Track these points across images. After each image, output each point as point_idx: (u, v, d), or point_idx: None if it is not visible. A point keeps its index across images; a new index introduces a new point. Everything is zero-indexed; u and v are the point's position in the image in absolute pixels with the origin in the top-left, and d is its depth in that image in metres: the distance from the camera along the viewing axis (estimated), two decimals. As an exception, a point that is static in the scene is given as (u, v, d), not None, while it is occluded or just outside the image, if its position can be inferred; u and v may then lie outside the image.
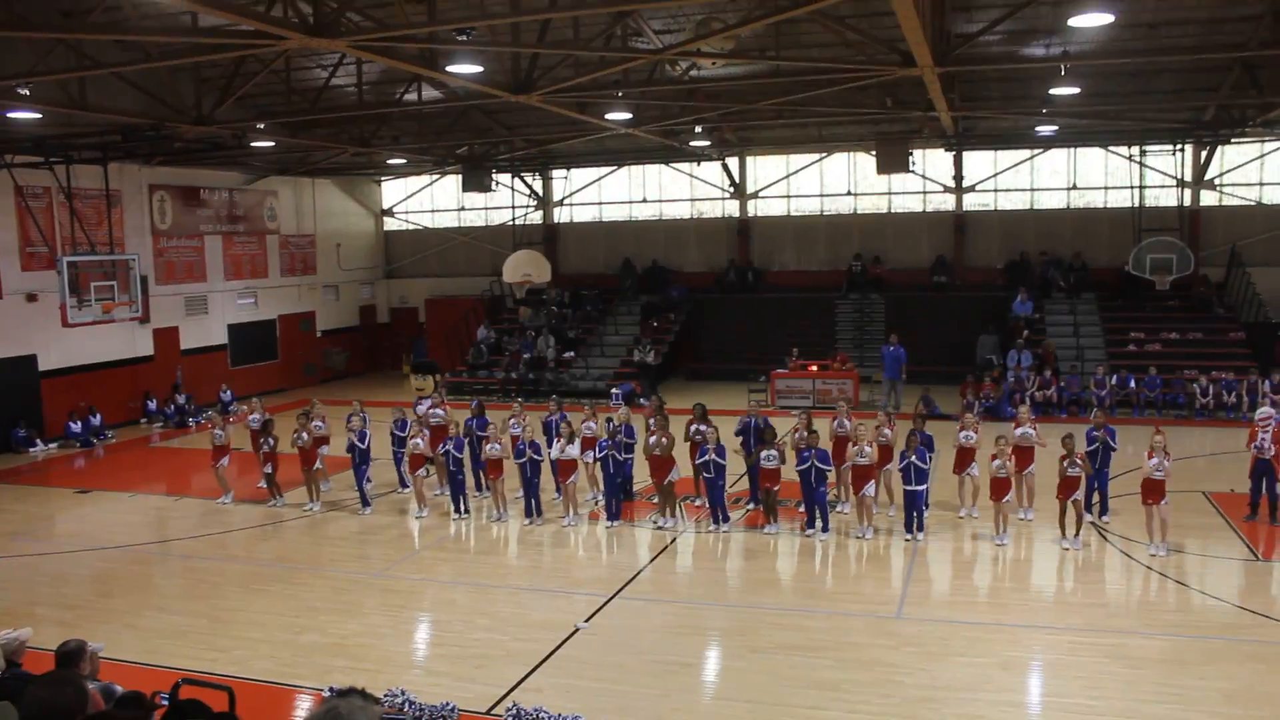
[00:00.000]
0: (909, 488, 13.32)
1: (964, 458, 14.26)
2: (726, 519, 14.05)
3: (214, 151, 22.50)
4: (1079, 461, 12.73)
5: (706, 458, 13.85)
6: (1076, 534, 12.91)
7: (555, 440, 14.55)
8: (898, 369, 23.18)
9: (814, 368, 24.78)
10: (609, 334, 29.41)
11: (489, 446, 14.62)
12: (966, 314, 26.88)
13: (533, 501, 14.50)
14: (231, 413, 23.31)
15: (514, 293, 29.59)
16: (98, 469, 19.86)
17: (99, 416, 23.20)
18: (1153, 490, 12.44)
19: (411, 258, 33.85)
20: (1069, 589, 11.55)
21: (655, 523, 14.30)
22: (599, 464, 14.58)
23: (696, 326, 29.94)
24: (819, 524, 13.64)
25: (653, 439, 14.17)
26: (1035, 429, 14.06)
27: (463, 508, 14.82)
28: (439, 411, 16.68)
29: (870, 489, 13.60)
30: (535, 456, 14.33)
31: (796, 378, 24.61)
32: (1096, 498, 13.89)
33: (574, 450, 14.39)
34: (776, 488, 13.87)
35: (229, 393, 25.83)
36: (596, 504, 15.19)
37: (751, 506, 14.89)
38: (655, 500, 14.75)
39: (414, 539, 14.05)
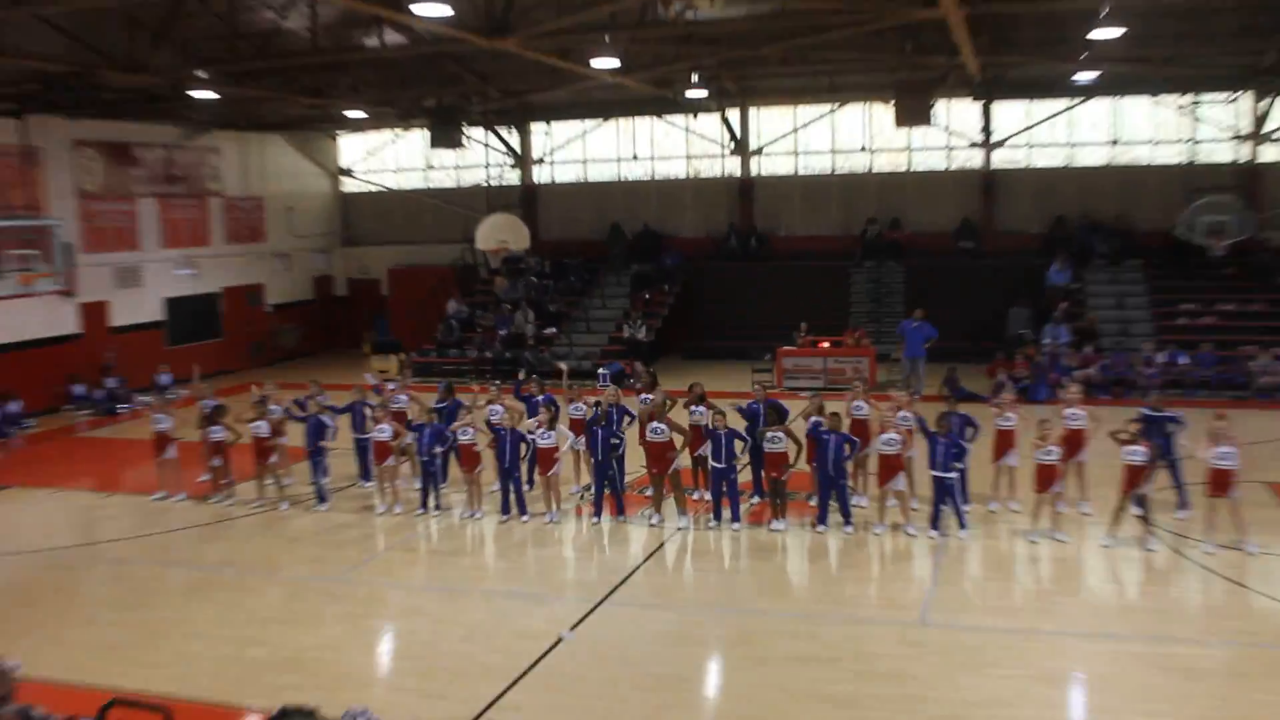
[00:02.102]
0: (940, 475, 13.09)
1: (1002, 443, 14.12)
2: (736, 518, 13.87)
3: (148, 103, 22.26)
4: (1142, 447, 12.48)
5: (710, 446, 13.72)
6: (1137, 530, 12.82)
7: (537, 425, 14.54)
8: (920, 346, 23.09)
9: (826, 345, 24.81)
10: (595, 308, 29.38)
11: (461, 432, 14.55)
12: (996, 284, 26.89)
13: (511, 496, 14.43)
14: (172, 397, 23.12)
15: (488, 262, 29.67)
16: (16, 462, 19.70)
17: (18, 403, 22.94)
18: (1220, 481, 12.31)
19: (373, 223, 33.74)
20: (1117, 592, 11.48)
21: (649, 519, 14.30)
22: (588, 452, 14.57)
23: (694, 299, 29.89)
24: (841, 518, 13.51)
25: (651, 425, 14.00)
26: (1085, 410, 13.99)
27: (434, 503, 14.82)
28: (403, 397, 16.42)
29: (900, 481, 13.37)
30: (514, 444, 14.28)
31: (806, 356, 24.67)
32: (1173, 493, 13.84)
33: (557, 436, 14.38)
34: (785, 476, 13.70)
35: (168, 376, 25.67)
36: (583, 498, 15.18)
37: (756, 500, 14.79)
38: (649, 493, 14.65)
39: (378, 539, 14.03)
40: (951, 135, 28.79)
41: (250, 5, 19.98)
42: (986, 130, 28.31)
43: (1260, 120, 26.53)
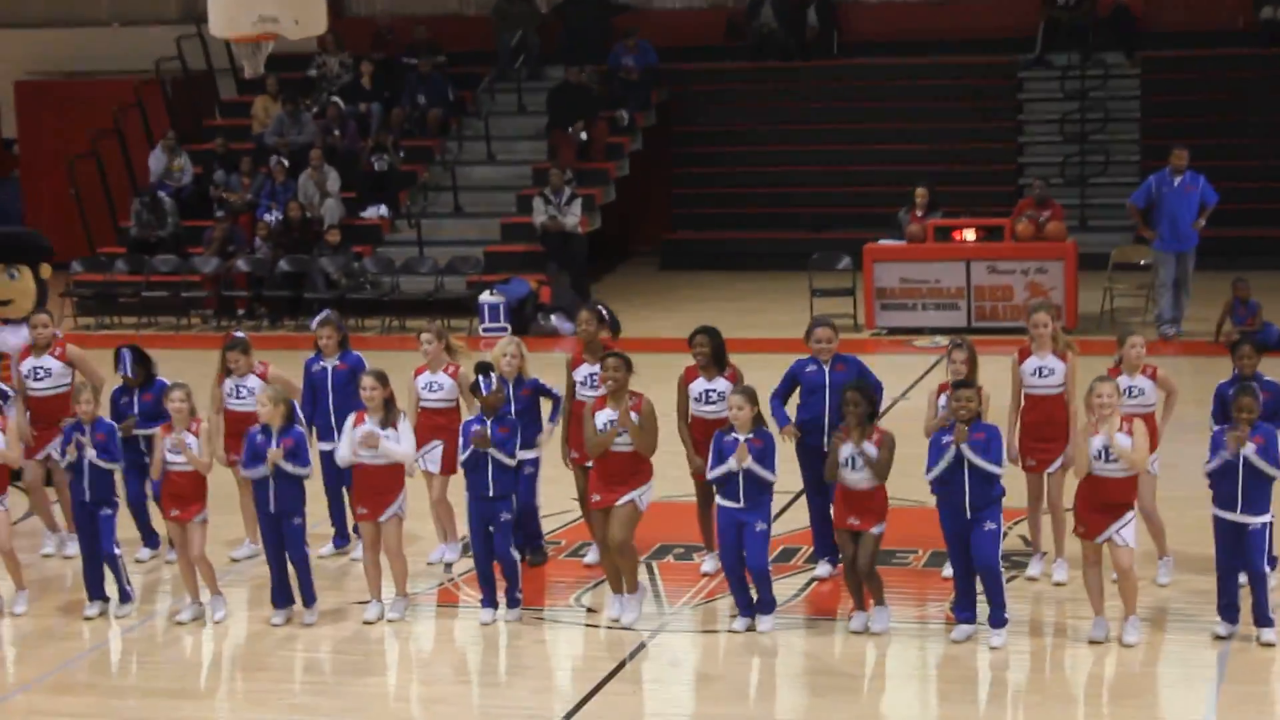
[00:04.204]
0: (1233, 518, 13.02)
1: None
2: (768, 602, 14.05)
3: None
4: None
5: (727, 465, 13.76)
6: None
7: (346, 422, 14.70)
8: (1191, 224, 23.32)
9: (966, 235, 24.83)
10: (472, 163, 29.74)
11: (167, 443, 14.63)
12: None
13: (278, 565, 14.56)
14: None
15: (238, 65, 28.79)
16: None
17: None
18: None
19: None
20: None
21: (586, 607, 14.69)
22: (463, 475, 14.79)
23: (682, 144, 30.20)
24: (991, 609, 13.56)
25: (601, 415, 14.13)
26: None
27: (125, 581, 15.08)
28: (51, 363, 16.51)
29: (1127, 530, 13.16)
30: (294, 466, 14.36)
31: (924, 259, 24.65)
32: None
33: (392, 445, 14.47)
34: (877, 529, 13.75)
35: None
36: (449, 568, 15.70)
37: (825, 571, 15.07)
38: (590, 559, 15.32)
39: None
40: None
41: None
42: None
43: None
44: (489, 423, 14.26)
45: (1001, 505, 13.41)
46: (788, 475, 14.77)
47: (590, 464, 14.59)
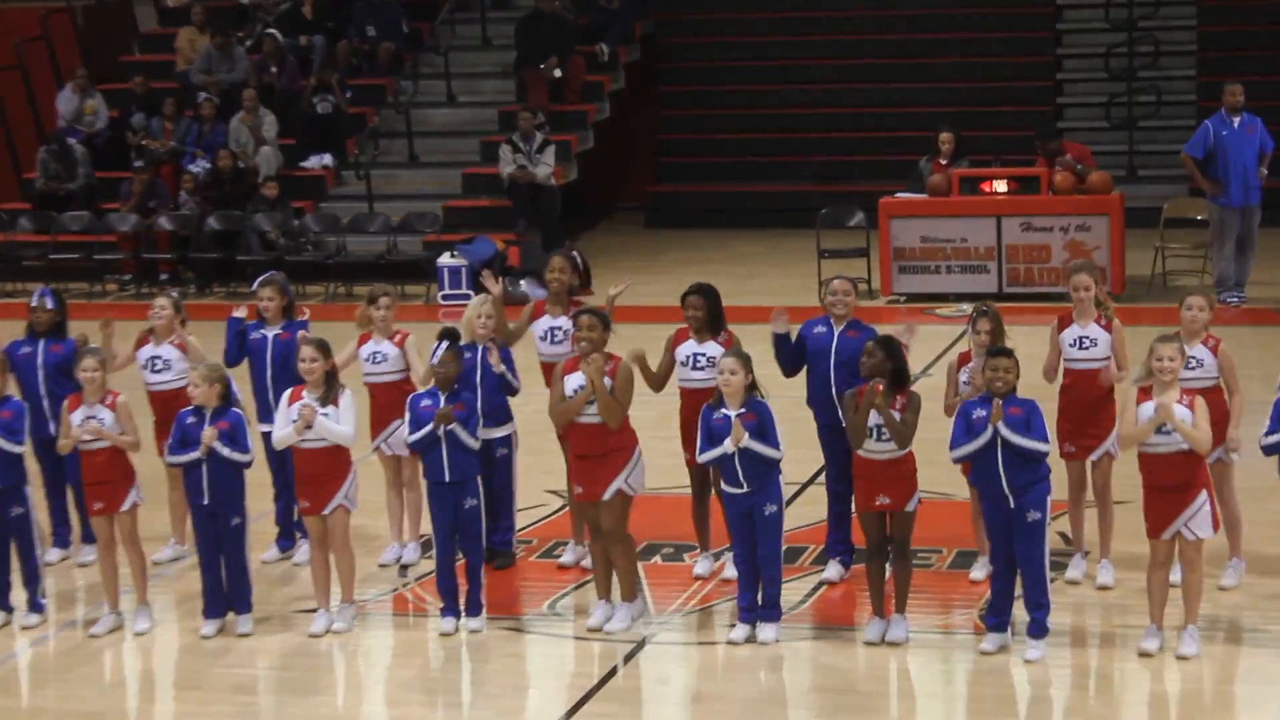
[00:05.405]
0: None
1: None
2: (774, 606, 13.99)
3: None
4: None
5: (722, 448, 13.59)
6: None
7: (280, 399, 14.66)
8: (1256, 173, 23.44)
9: (997, 186, 24.96)
10: (430, 106, 29.90)
11: (76, 417, 14.43)
12: None
13: (212, 569, 14.48)
14: None
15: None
16: None
17: None
18: None
19: None
20: None
21: (556, 610, 14.71)
22: (420, 463, 14.89)
23: (670, 80, 30.35)
24: (1032, 616, 13.37)
25: (572, 380, 14.13)
26: None
27: (39, 593, 14.96)
28: None
29: (1197, 520, 13.07)
30: (232, 451, 14.22)
31: (948, 215, 24.69)
32: None
33: (330, 422, 14.34)
34: (911, 505, 13.77)
35: None
36: (403, 571, 15.66)
37: (835, 574, 15.00)
38: (566, 560, 15.33)
39: None
40: None
41: None
42: None
43: None
44: (442, 398, 14.31)
45: (1048, 491, 13.31)
46: (791, 464, 14.63)
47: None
